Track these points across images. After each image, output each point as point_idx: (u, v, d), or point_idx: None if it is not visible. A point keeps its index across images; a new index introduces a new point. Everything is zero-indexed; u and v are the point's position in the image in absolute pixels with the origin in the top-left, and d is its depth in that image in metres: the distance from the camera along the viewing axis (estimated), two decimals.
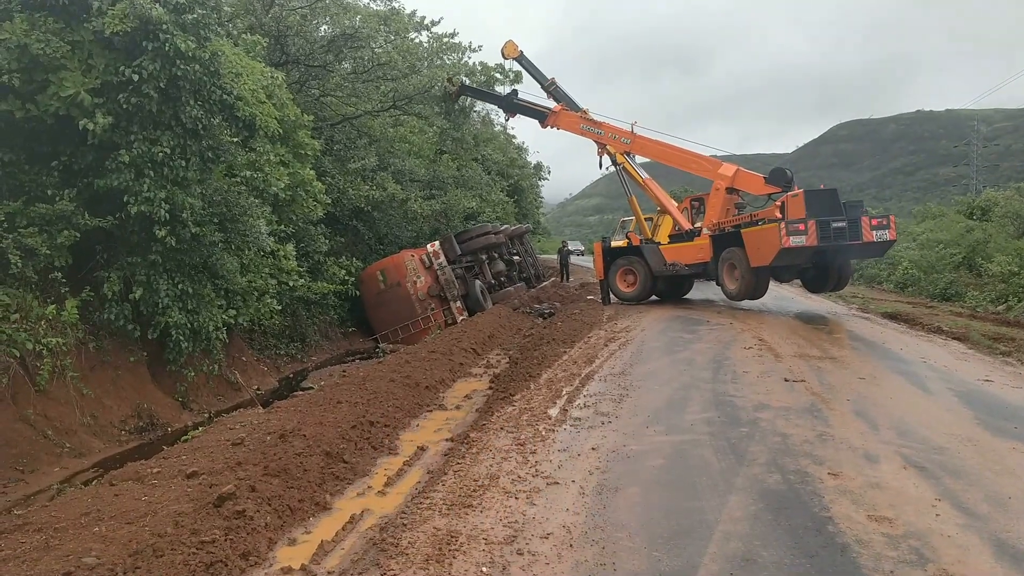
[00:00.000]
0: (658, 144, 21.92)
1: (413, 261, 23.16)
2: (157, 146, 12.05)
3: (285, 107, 17.40)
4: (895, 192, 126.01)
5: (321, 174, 21.05)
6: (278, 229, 16.90)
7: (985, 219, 29.82)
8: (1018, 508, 5.70)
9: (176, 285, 13.02)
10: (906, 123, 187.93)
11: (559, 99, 23.53)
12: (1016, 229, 26.32)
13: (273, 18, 22.07)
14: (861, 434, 7.64)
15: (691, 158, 21.12)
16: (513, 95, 24.89)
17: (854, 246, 16.56)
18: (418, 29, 26.69)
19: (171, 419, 12.91)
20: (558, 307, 24.22)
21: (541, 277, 35.06)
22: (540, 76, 23.99)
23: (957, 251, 24.36)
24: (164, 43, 11.61)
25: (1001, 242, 23.99)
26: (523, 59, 24.29)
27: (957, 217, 31.31)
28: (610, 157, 22.52)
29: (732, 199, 20.15)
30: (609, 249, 22.16)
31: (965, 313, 18.28)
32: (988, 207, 31.93)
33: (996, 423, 8.00)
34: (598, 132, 22.53)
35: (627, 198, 23.32)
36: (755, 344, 13.17)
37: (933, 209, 37.59)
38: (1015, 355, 12.01)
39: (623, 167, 22.34)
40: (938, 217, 33.27)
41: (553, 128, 23.61)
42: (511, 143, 54.53)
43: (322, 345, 20.76)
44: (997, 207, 30.34)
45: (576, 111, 23.08)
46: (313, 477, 7.48)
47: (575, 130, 23.04)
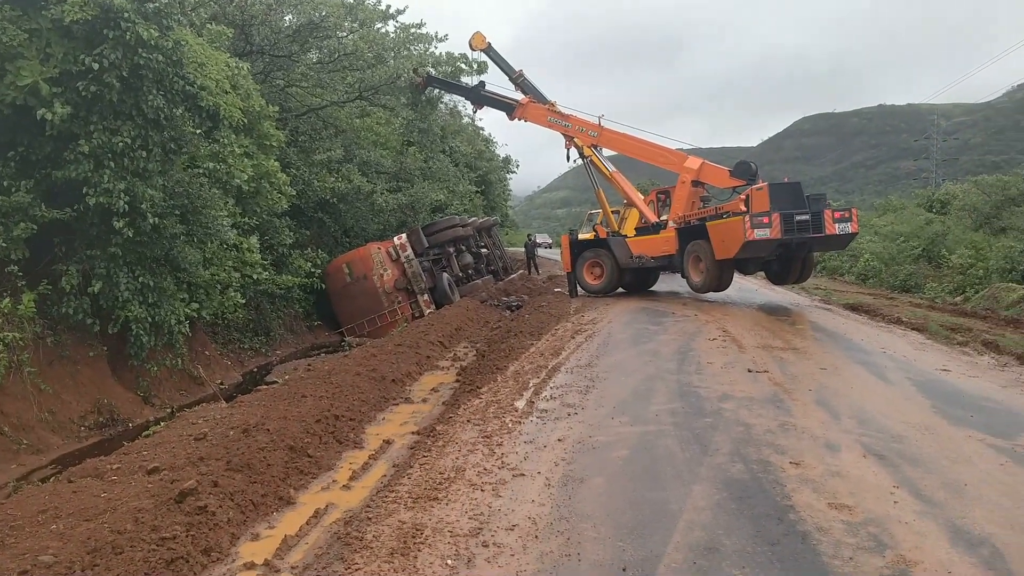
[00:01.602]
0: (625, 137, 22.03)
1: (380, 254, 23.01)
2: (117, 136, 11.80)
3: (250, 97, 17.16)
4: (857, 185, 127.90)
5: (286, 165, 20.80)
6: (241, 221, 16.67)
7: (944, 212, 30.48)
8: (973, 495, 5.82)
9: (136, 278, 12.78)
10: (868, 117, 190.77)
11: (527, 91, 23.53)
12: (974, 222, 26.93)
13: (237, 7, 21.72)
14: (822, 423, 7.76)
15: (657, 151, 21.26)
16: (480, 87, 24.84)
17: (817, 239, 16.79)
18: (384, 19, 26.45)
19: (132, 414, 12.70)
20: (526, 300, 24.26)
21: (509, 270, 35.07)
22: (508, 68, 23.95)
23: (917, 243, 24.85)
24: (125, 31, 11.37)
25: (959, 234, 24.54)
26: (491, 51, 24.24)
27: (917, 210, 31.96)
28: (577, 150, 22.58)
29: (698, 192, 20.33)
30: (576, 242, 22.25)
31: (924, 304, 18.64)
32: (947, 200, 32.62)
33: (953, 412, 8.16)
34: (565, 125, 22.57)
35: (594, 191, 23.42)
36: (719, 335, 13.30)
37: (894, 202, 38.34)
38: (971, 345, 12.26)
39: (590, 160, 22.43)
40: (899, 210, 33.93)
41: (521, 120, 23.63)
42: (479, 135, 54.35)
43: (287, 339, 20.56)
44: (956, 200, 31.01)
45: (544, 103, 23.10)
46: (277, 472, 7.41)
47: (542, 122, 23.06)
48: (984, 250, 21.52)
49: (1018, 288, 17.86)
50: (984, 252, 21.38)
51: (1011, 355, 11.28)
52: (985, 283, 19.66)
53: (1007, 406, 8.48)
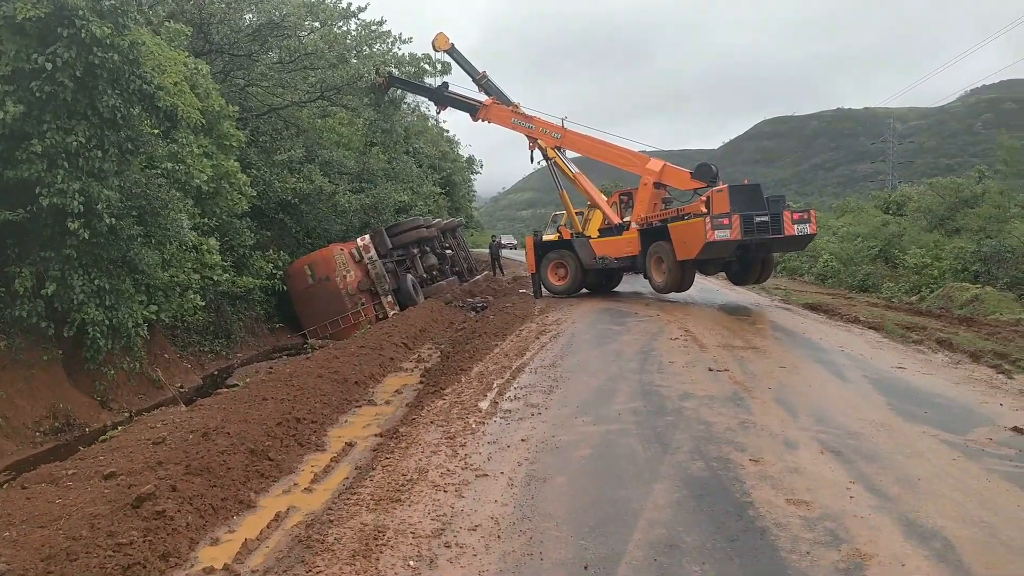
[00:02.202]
0: (588, 139, 22.13)
1: (342, 255, 22.84)
2: (71, 136, 11.54)
3: (209, 97, 16.93)
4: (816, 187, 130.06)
5: (246, 166, 20.54)
6: (201, 222, 16.42)
7: (900, 213, 31.14)
8: (927, 489, 5.95)
9: (92, 280, 12.51)
10: (827, 120, 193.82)
11: (491, 92, 23.52)
12: (928, 223, 27.54)
13: (195, 5, 21.41)
14: (781, 421, 7.88)
15: (620, 153, 21.40)
16: (444, 87, 24.77)
17: (776, 239, 17.03)
18: (345, 17, 26.24)
19: (89, 419, 12.43)
20: (491, 301, 24.25)
21: (474, 271, 35.03)
22: (472, 69, 23.92)
23: (874, 244, 25.34)
24: (80, 29, 11.14)
25: (914, 235, 25.09)
26: (454, 52, 24.18)
27: (874, 211, 32.60)
28: (541, 151, 22.63)
29: (660, 194, 20.49)
30: (541, 243, 22.31)
31: (881, 303, 19.01)
32: (903, 202, 33.35)
33: (907, 408, 8.34)
34: (529, 126, 22.62)
35: (558, 192, 23.48)
36: (681, 335, 13.43)
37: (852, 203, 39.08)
38: (926, 343, 12.54)
39: (554, 162, 22.49)
40: (856, 211, 34.58)
41: (484, 121, 23.61)
42: (443, 136, 54.24)
43: (248, 341, 20.31)
44: (911, 202, 31.71)
45: (507, 105, 23.11)
46: (237, 475, 7.32)
47: (506, 124, 23.07)
48: (938, 251, 22.02)
49: (971, 288, 18.30)
50: (938, 253, 21.87)
51: (964, 353, 11.56)
52: (940, 283, 20.12)
53: (959, 402, 8.69)
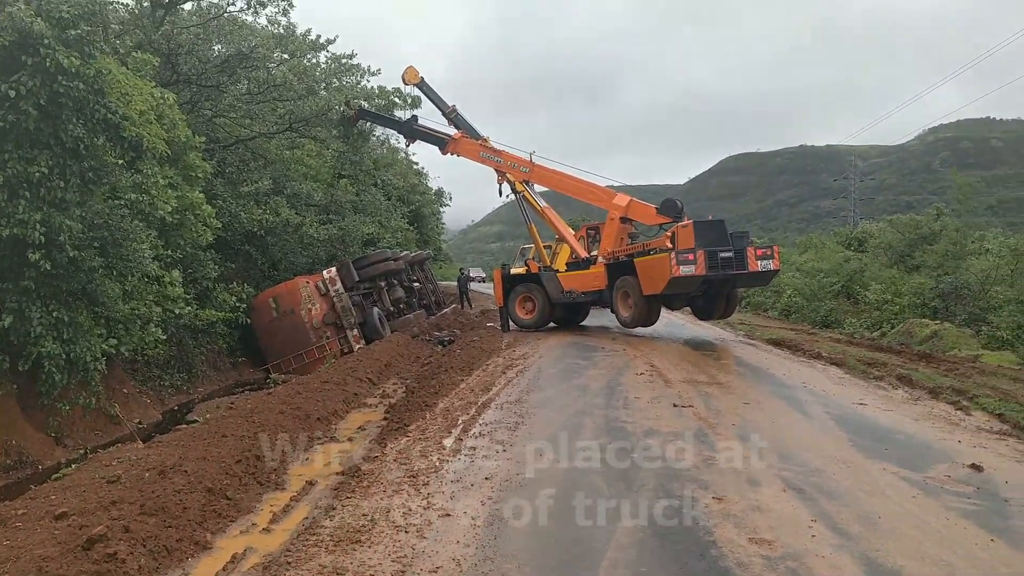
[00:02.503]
0: (556, 174, 22.33)
1: (308, 288, 22.65)
2: (34, 166, 11.40)
3: (175, 128, 16.81)
4: (780, 223, 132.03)
5: (212, 197, 20.37)
6: (164, 254, 16.21)
7: (862, 250, 31.67)
8: (887, 527, 5.99)
9: (51, 313, 12.25)
10: (790, 157, 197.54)
11: (460, 126, 23.68)
12: (889, 259, 28.04)
13: (164, 36, 21.34)
14: (744, 458, 7.91)
15: (587, 188, 21.59)
16: (413, 120, 24.90)
17: (741, 275, 17.24)
18: (315, 49, 26.35)
19: (42, 456, 12.10)
20: (458, 334, 24.14)
21: (442, 304, 34.91)
22: (441, 103, 24.08)
23: (836, 280, 25.71)
24: (45, 58, 11.05)
25: (875, 271, 25.51)
26: (424, 85, 24.34)
27: (836, 247, 33.11)
28: (510, 185, 22.76)
29: (626, 229, 20.69)
30: (509, 276, 22.35)
31: (843, 339, 19.27)
32: (864, 238, 33.96)
33: (868, 445, 8.42)
34: (497, 160, 22.77)
35: (527, 225, 23.60)
36: (647, 370, 13.48)
37: (814, 239, 39.67)
38: (887, 379, 12.71)
39: (522, 195, 22.62)
40: (819, 247, 35.07)
41: (453, 155, 23.74)
42: (412, 169, 54.30)
43: (210, 376, 19.97)
44: (872, 238, 32.29)
45: (476, 139, 23.27)
46: (193, 515, 7.14)
47: (475, 158, 23.21)
48: (899, 287, 22.42)
49: (930, 324, 18.63)
50: (899, 289, 22.27)
51: (923, 389, 11.73)
52: (900, 319, 20.45)
53: (919, 439, 8.80)
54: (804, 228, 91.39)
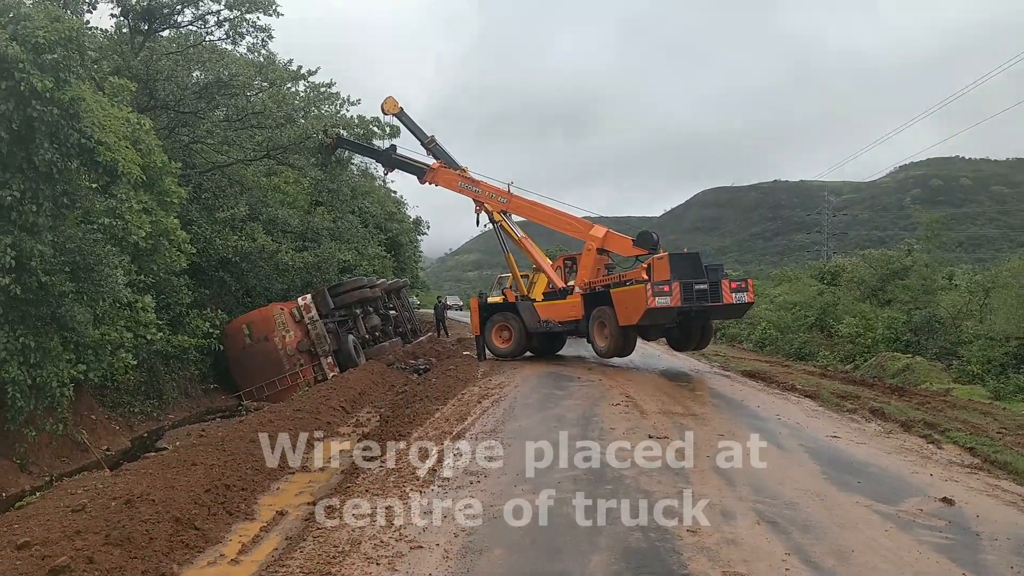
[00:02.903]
0: (533, 204, 22.46)
1: (283, 315, 22.48)
2: (5, 190, 11.28)
3: (151, 153, 16.71)
4: (755, 256, 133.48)
5: (187, 223, 20.23)
6: (137, 279, 16.03)
7: (835, 283, 32.04)
8: (860, 560, 5.99)
9: (18, 338, 12.04)
10: (765, 191, 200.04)
11: (438, 156, 23.79)
12: (862, 293, 28.40)
13: (142, 61, 21.32)
14: (719, 490, 7.89)
15: (564, 219, 21.73)
16: (392, 150, 25.00)
17: (715, 307, 17.35)
18: (295, 79, 26.41)
19: (6, 483, 11.84)
20: (434, 363, 24.04)
21: (418, 332, 34.75)
22: (420, 133, 24.19)
23: (810, 313, 26.00)
24: (19, 82, 10.97)
25: (848, 305, 25.82)
26: (403, 115, 24.44)
27: (810, 281, 33.50)
28: (488, 215, 22.84)
29: (603, 260, 20.79)
30: (485, 305, 22.33)
31: (817, 372, 19.42)
32: (837, 272, 34.38)
33: (842, 478, 8.45)
34: (476, 190, 22.86)
35: (504, 255, 23.64)
36: (622, 401, 13.46)
37: (789, 273, 40.13)
38: (860, 412, 12.80)
39: (500, 225, 22.70)
40: (793, 281, 35.48)
41: (431, 184, 23.81)
42: (390, 197, 54.33)
43: (181, 402, 19.68)
44: (845, 272, 32.71)
45: (455, 169, 23.37)
46: (160, 546, 6.99)
47: (453, 187, 23.30)
48: (871, 320, 22.69)
49: (902, 357, 18.86)
50: (871, 322, 22.53)
51: (896, 422, 11.82)
52: (873, 352, 20.69)
53: (891, 472, 8.85)
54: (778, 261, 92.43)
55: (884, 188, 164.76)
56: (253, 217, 25.64)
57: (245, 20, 22.97)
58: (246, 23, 23.06)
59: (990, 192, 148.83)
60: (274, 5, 22.77)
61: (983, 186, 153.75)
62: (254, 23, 23.21)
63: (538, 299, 21.79)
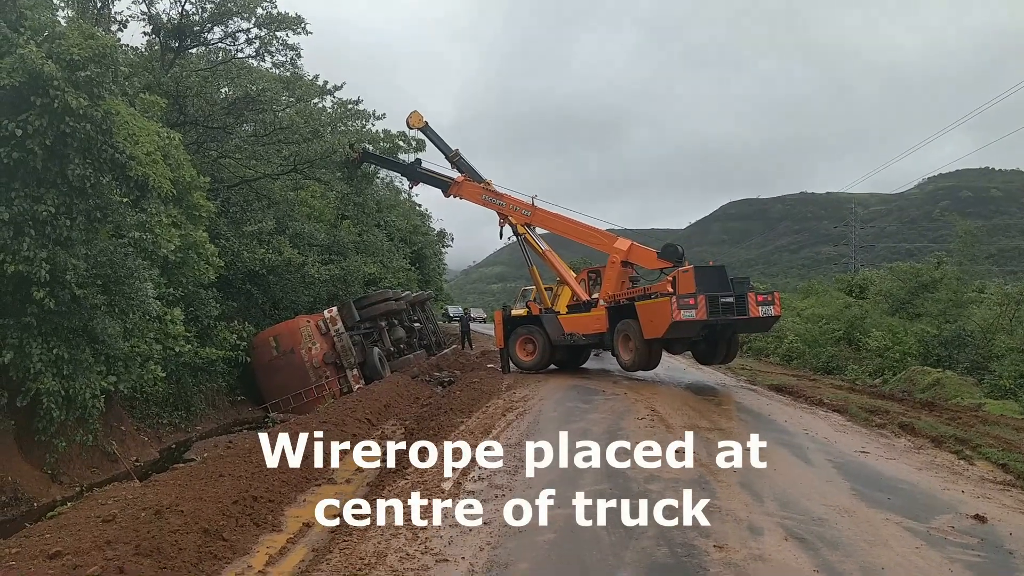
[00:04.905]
0: (557, 217, 22.49)
1: (309, 327, 22.66)
2: (40, 204, 11.49)
3: (181, 168, 16.97)
4: (781, 268, 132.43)
5: (215, 236, 20.50)
6: (166, 292, 16.26)
7: (863, 296, 31.71)
8: None
9: (51, 350, 12.24)
10: (791, 203, 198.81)
11: (462, 170, 23.94)
12: (890, 306, 28.06)
13: (172, 78, 21.69)
14: (746, 506, 7.83)
15: (588, 232, 21.73)
16: (416, 164, 25.20)
17: (741, 320, 17.23)
18: (321, 94, 26.71)
19: (38, 493, 12.01)
20: (458, 375, 24.08)
21: (442, 344, 34.88)
22: (444, 147, 24.37)
23: (838, 326, 25.68)
24: (54, 99, 11.19)
25: (876, 318, 25.49)
26: (428, 129, 24.65)
27: (837, 294, 33.16)
28: (512, 228, 22.92)
29: (627, 272, 20.74)
30: (509, 318, 22.34)
31: (845, 386, 19.18)
32: (865, 285, 34.03)
33: (871, 494, 8.34)
34: (499, 203, 22.95)
35: (528, 267, 23.69)
36: (648, 415, 13.39)
37: (816, 286, 39.71)
38: (889, 427, 12.63)
39: (524, 238, 22.77)
40: (820, 294, 35.11)
41: (456, 197, 23.96)
42: (415, 210, 54.66)
43: (208, 414, 19.88)
44: (872, 285, 32.36)
45: (479, 182, 23.49)
46: (189, 556, 7.06)
47: (477, 200, 23.41)
48: (900, 334, 22.39)
49: (932, 372, 18.57)
50: (900, 336, 22.23)
51: (926, 438, 11.65)
52: (902, 366, 20.40)
53: (922, 488, 8.72)
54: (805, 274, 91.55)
55: (912, 200, 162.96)
56: (280, 231, 25.91)
57: (275, 38, 23.29)
58: (276, 41, 23.39)
59: (1021, 204, 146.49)
60: (303, 23, 23.10)
61: (1014, 198, 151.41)
62: (284, 41, 23.56)
63: (562, 312, 21.78)
